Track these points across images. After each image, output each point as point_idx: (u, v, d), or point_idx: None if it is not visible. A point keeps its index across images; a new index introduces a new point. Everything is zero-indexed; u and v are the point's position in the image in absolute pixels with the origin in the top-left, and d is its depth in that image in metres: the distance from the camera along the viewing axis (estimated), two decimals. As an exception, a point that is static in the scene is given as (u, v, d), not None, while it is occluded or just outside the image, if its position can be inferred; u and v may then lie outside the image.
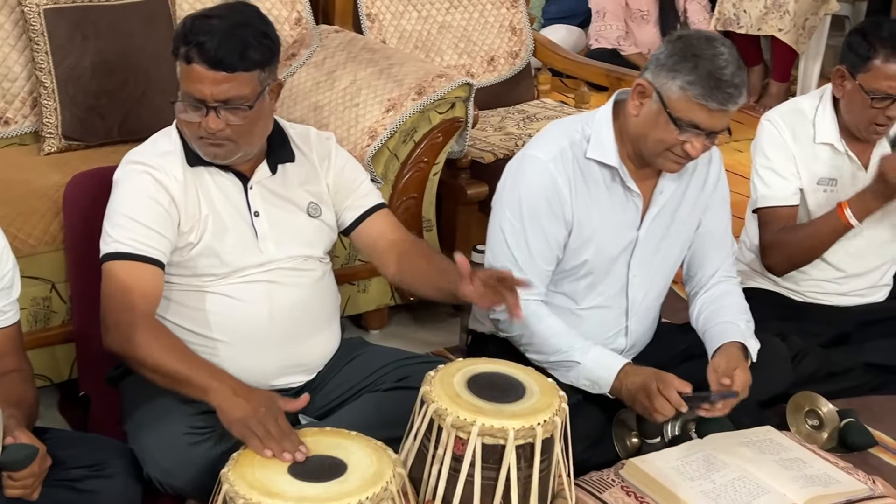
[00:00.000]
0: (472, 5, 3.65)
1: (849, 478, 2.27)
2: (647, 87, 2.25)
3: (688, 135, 2.22)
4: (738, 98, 2.20)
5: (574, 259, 2.41)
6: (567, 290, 2.45)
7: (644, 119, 2.27)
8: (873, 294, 2.95)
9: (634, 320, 2.51)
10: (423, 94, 2.83)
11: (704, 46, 2.20)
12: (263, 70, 2.12)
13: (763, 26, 5.42)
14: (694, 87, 2.17)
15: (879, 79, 2.63)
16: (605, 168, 2.36)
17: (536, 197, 2.34)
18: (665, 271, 2.51)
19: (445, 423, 1.92)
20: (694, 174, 2.45)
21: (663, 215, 2.43)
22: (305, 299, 2.27)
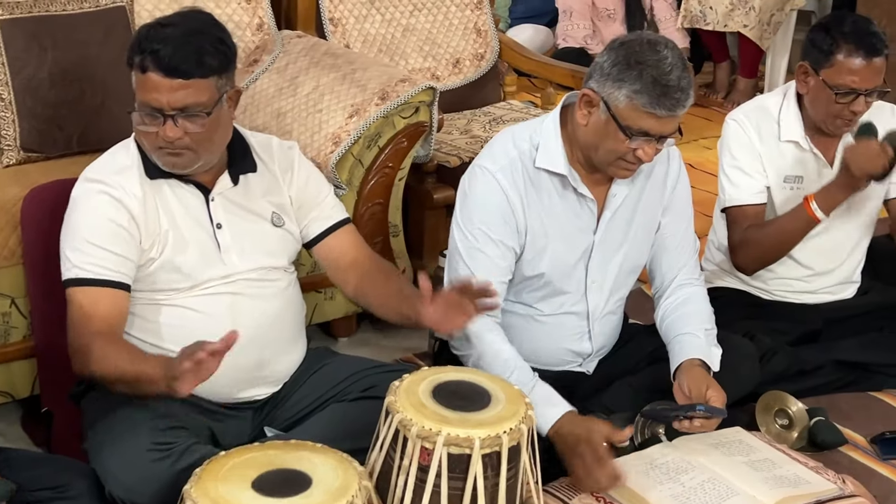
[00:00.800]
0: (437, 8, 3.63)
1: (818, 478, 2.27)
2: (593, 97, 2.22)
3: (638, 142, 2.21)
4: (686, 102, 2.18)
5: (530, 269, 2.39)
6: (526, 299, 2.44)
7: (593, 128, 2.25)
8: (842, 291, 2.95)
9: (597, 324, 2.49)
10: (387, 99, 2.81)
11: (648, 52, 2.17)
12: (220, 77, 2.10)
13: (729, 23, 5.43)
14: (641, 95, 2.15)
15: (843, 74, 2.63)
16: (555, 176, 2.34)
17: (488, 208, 2.32)
18: (625, 274, 2.50)
19: (410, 434, 1.90)
20: (651, 175, 2.44)
21: (619, 218, 2.42)
22: (270, 310, 2.24)
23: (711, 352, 2.41)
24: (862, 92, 2.63)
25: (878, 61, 2.63)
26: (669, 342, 2.45)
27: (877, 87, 2.65)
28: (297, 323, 2.33)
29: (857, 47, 2.61)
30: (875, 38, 2.62)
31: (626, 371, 2.55)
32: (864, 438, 2.66)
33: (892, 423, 2.71)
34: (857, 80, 2.62)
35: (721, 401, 2.29)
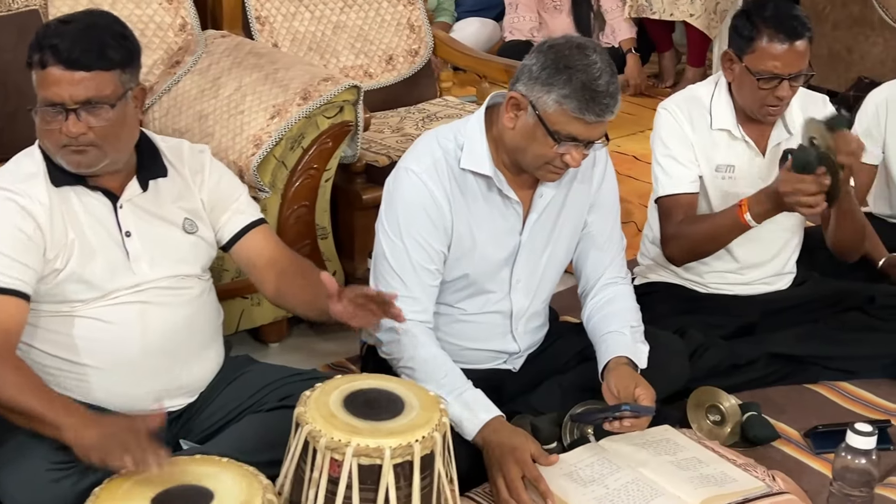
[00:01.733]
0: (368, 4, 3.57)
1: (746, 475, 2.24)
2: (521, 100, 2.18)
3: (566, 147, 2.17)
4: (615, 107, 2.15)
5: (455, 270, 2.35)
6: (449, 299, 2.40)
7: (520, 132, 2.21)
8: (777, 282, 2.92)
9: (521, 324, 2.45)
10: (309, 99, 2.75)
11: (577, 56, 2.14)
12: (124, 71, 2.06)
13: (675, 11, 5.41)
14: (570, 100, 2.12)
15: (765, 59, 2.59)
16: (481, 177, 2.30)
17: (414, 211, 2.27)
18: (551, 274, 2.46)
19: (319, 446, 1.86)
20: (577, 176, 2.40)
21: (545, 219, 2.38)
22: (183, 319, 2.19)
23: (638, 349, 2.38)
24: (785, 77, 2.60)
25: (801, 45, 2.59)
26: (596, 341, 2.42)
27: (801, 72, 2.62)
28: (212, 331, 2.27)
29: (778, 32, 2.57)
30: (796, 21, 2.59)
31: (554, 370, 2.52)
32: (798, 432, 2.62)
33: (826, 415, 2.68)
34: (780, 66, 2.58)
35: (650, 398, 2.26)
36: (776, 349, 2.81)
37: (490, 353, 2.49)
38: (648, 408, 2.25)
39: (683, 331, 2.70)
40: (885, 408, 2.73)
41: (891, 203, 3.27)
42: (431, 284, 2.33)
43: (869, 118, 3.16)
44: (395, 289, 2.30)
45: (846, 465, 2.14)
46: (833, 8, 5.16)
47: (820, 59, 5.22)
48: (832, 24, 5.16)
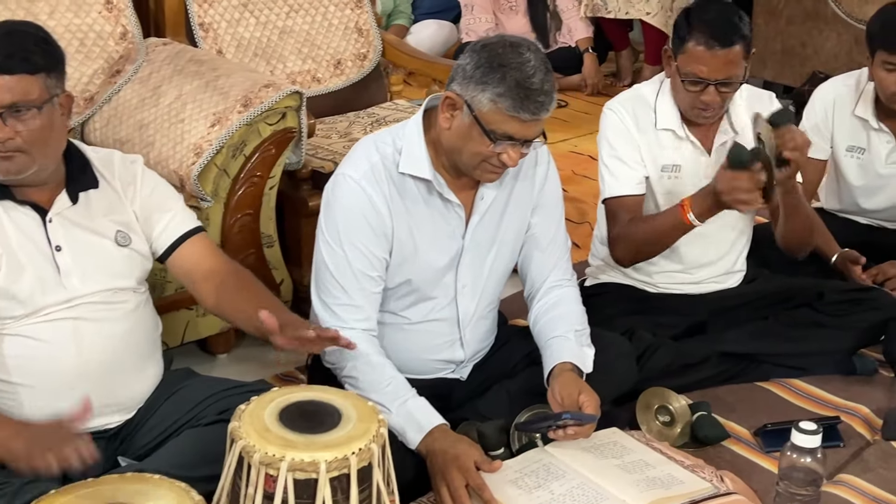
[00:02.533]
0: (314, 8, 3.53)
1: (693, 477, 2.22)
2: (456, 100, 2.16)
3: (503, 146, 2.15)
4: (550, 105, 2.13)
5: (398, 276, 2.32)
6: (393, 307, 2.37)
7: (457, 132, 2.18)
8: (727, 280, 2.90)
9: (468, 330, 2.43)
10: (250, 106, 2.71)
11: (510, 55, 2.11)
12: (49, 76, 2.03)
13: (630, 10, 5.42)
14: (504, 99, 2.09)
15: (692, 62, 2.58)
16: (420, 181, 2.27)
17: (353, 217, 2.24)
18: (496, 277, 2.44)
19: (253, 461, 1.82)
20: (519, 175, 2.37)
21: (488, 221, 2.35)
22: (118, 334, 2.15)
23: (583, 353, 2.36)
24: (711, 82, 2.57)
25: (729, 53, 2.54)
26: (541, 347, 2.40)
27: (728, 79, 2.57)
28: (149, 345, 2.23)
29: (708, 36, 2.54)
30: (730, 27, 2.54)
31: (502, 375, 2.50)
32: (749, 431, 2.61)
33: (777, 413, 2.67)
34: (705, 70, 2.56)
35: (593, 405, 2.24)
36: (726, 348, 2.80)
37: (438, 363, 2.46)
38: (590, 416, 2.23)
39: (633, 331, 2.68)
40: (836, 404, 2.73)
41: (840, 198, 3.28)
42: (374, 292, 2.30)
43: (816, 114, 3.16)
44: (337, 297, 2.27)
45: (792, 463, 2.13)
46: (787, 3, 5.17)
47: (774, 55, 5.24)
48: (786, 20, 5.17)
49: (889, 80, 2.93)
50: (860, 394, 2.76)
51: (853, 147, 3.16)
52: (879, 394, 2.77)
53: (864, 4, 4.81)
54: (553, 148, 4.64)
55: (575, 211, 3.94)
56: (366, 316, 2.28)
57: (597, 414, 2.24)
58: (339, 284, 2.27)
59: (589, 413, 2.21)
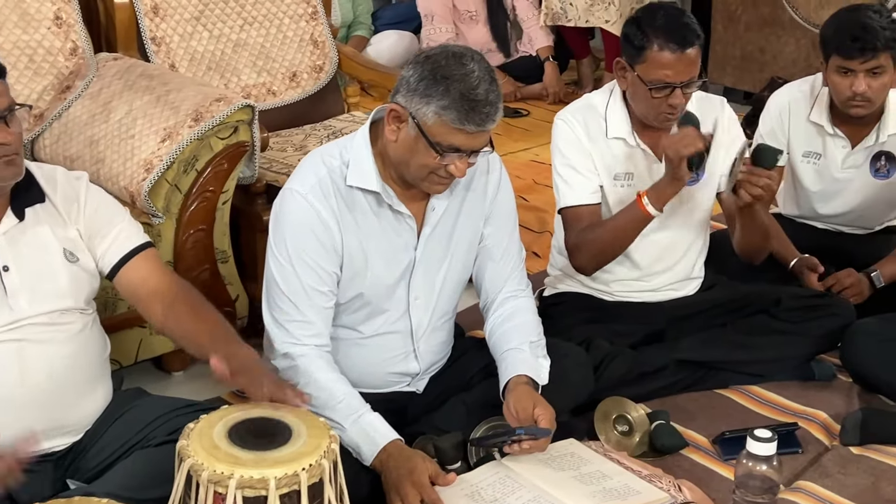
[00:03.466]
0: (269, 21, 3.50)
1: (650, 487, 2.21)
2: (401, 112, 2.14)
3: (450, 158, 2.13)
4: (496, 115, 2.11)
5: (350, 291, 2.30)
6: (346, 321, 2.35)
7: (403, 145, 2.16)
8: (684, 287, 2.90)
9: (423, 342, 2.41)
10: (201, 121, 2.68)
11: (454, 66, 2.09)
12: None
13: (590, 18, 5.42)
14: (449, 111, 2.08)
15: (655, 68, 2.57)
16: (369, 193, 2.25)
17: (301, 233, 2.22)
18: (449, 289, 2.42)
19: (202, 479, 1.80)
20: (471, 186, 2.36)
21: (440, 233, 2.34)
22: (64, 356, 2.11)
23: (539, 365, 2.34)
24: (677, 85, 2.58)
25: (691, 53, 2.56)
26: (497, 359, 2.39)
27: (692, 79, 2.59)
28: (97, 366, 2.19)
29: (668, 41, 2.55)
30: (686, 29, 2.56)
31: (459, 388, 2.48)
32: (707, 439, 2.60)
33: (736, 421, 2.66)
34: (671, 74, 2.56)
35: (548, 419, 2.23)
36: (684, 356, 2.80)
37: (393, 376, 2.44)
38: (544, 430, 2.22)
39: (589, 341, 2.67)
40: (794, 410, 2.73)
41: (798, 203, 3.28)
42: (325, 307, 2.27)
43: (772, 119, 3.17)
44: (288, 313, 2.25)
45: (748, 471, 2.12)
46: (745, 9, 5.20)
47: (733, 61, 5.27)
48: (744, 26, 5.20)
49: (844, 85, 2.94)
50: (818, 399, 2.76)
51: (809, 153, 3.17)
52: (838, 399, 2.77)
53: (821, 9, 4.85)
54: (514, 157, 4.68)
55: (536, 220, 3.94)
56: (317, 332, 2.26)
57: (552, 427, 2.22)
58: (289, 301, 2.24)
59: (543, 427, 2.20)
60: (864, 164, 3.10)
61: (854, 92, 2.91)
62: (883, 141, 3.06)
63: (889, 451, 2.54)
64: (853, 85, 2.91)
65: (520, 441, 2.20)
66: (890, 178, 3.10)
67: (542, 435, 2.20)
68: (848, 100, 2.94)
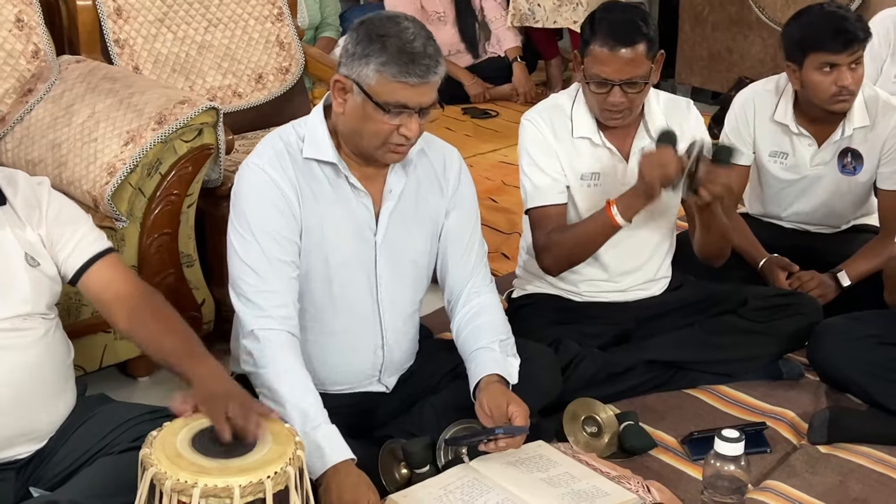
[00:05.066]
0: (234, 22, 3.47)
1: (618, 488, 2.20)
2: (345, 82, 2.16)
3: (400, 117, 2.14)
4: (437, 68, 2.13)
5: (311, 265, 2.28)
6: (313, 313, 2.32)
7: (351, 114, 2.17)
8: (652, 287, 2.89)
9: (391, 333, 2.40)
10: (164, 123, 2.66)
11: (388, 25, 2.13)
12: None
13: (558, 19, 5.42)
14: (389, 66, 2.09)
15: (595, 64, 2.58)
16: (326, 165, 2.26)
17: (260, 203, 2.22)
18: (416, 280, 2.42)
19: (165, 488, 1.77)
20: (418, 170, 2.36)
21: (399, 216, 2.33)
22: (26, 362, 2.07)
23: (509, 363, 2.34)
24: (615, 83, 2.57)
25: (628, 52, 2.53)
26: (466, 359, 2.38)
27: (633, 79, 2.56)
28: (60, 372, 2.16)
29: (609, 37, 2.54)
30: (630, 27, 2.54)
31: (427, 390, 2.47)
32: (676, 440, 2.60)
33: (705, 421, 2.66)
34: (608, 71, 2.55)
35: (523, 416, 2.22)
36: (653, 356, 2.79)
37: (361, 371, 2.42)
38: (521, 427, 2.21)
39: (557, 342, 2.67)
40: (762, 409, 2.73)
41: (763, 202, 3.29)
42: (290, 276, 2.25)
43: (737, 119, 3.17)
44: (252, 285, 2.23)
45: (716, 472, 2.12)
46: (711, 9, 5.22)
47: (701, 61, 5.28)
48: (711, 26, 5.22)
49: (827, 82, 2.91)
50: (786, 399, 2.77)
51: (776, 152, 3.17)
52: (805, 398, 2.78)
53: (787, 9, 4.86)
54: (482, 158, 4.67)
55: (505, 222, 3.93)
56: (283, 302, 2.23)
57: (527, 424, 2.22)
58: (253, 272, 2.22)
59: (520, 425, 2.19)
60: (831, 160, 3.11)
61: (840, 86, 2.90)
62: (849, 135, 3.06)
63: (857, 450, 2.55)
64: (838, 80, 2.89)
65: (496, 439, 2.19)
66: (856, 175, 3.11)
67: (520, 433, 2.20)
68: (833, 96, 2.92)
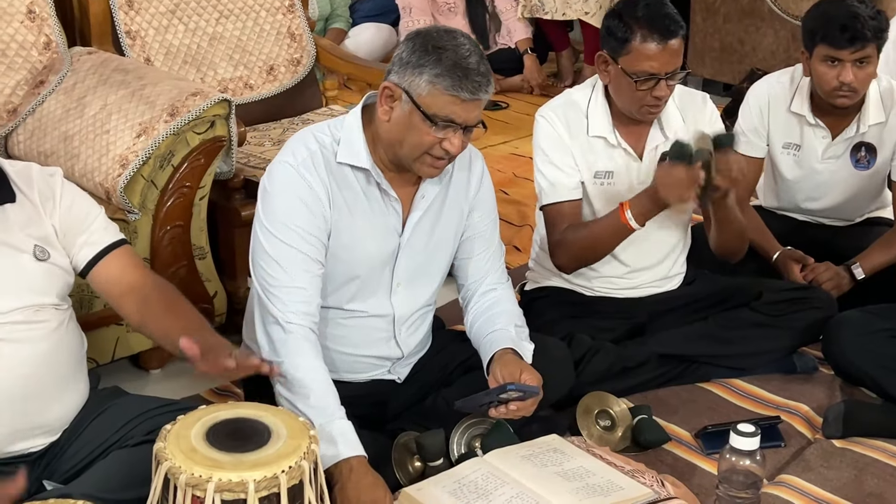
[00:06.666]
0: (245, 14, 3.46)
1: (633, 482, 2.19)
2: (394, 90, 2.14)
3: (445, 131, 2.13)
4: (488, 87, 2.13)
5: (335, 267, 2.28)
6: (330, 301, 2.32)
7: (396, 122, 2.16)
8: (666, 284, 2.88)
9: (404, 329, 2.39)
10: (177, 115, 2.65)
11: (446, 38, 2.12)
12: None
13: (567, 11, 5.41)
14: (442, 79, 2.09)
15: (640, 60, 2.55)
16: (359, 171, 2.25)
17: (291, 202, 2.21)
18: (432, 278, 2.41)
19: (180, 483, 1.76)
20: (452, 179, 2.35)
21: (426, 221, 2.33)
22: (40, 354, 2.07)
23: (523, 346, 2.33)
24: (662, 77, 2.56)
25: (675, 43, 2.54)
26: (480, 343, 2.38)
27: (676, 70, 2.57)
28: (73, 364, 2.16)
29: (651, 31, 2.53)
30: (669, 20, 2.54)
31: (439, 382, 2.47)
32: (690, 433, 2.59)
33: (718, 414, 2.66)
34: (656, 65, 2.54)
35: (536, 381, 2.21)
36: (666, 350, 2.78)
37: (373, 360, 2.42)
38: (533, 388, 2.19)
39: (571, 336, 2.66)
40: (776, 403, 2.72)
41: (777, 195, 3.27)
42: (315, 274, 2.24)
43: (752, 113, 3.15)
44: (278, 279, 2.22)
45: (731, 466, 2.10)
46: (724, 1, 5.18)
47: (713, 52, 5.26)
48: (723, 17, 5.19)
49: (830, 76, 2.91)
50: (800, 392, 2.76)
51: (789, 144, 3.15)
52: (819, 392, 2.77)
53: (801, 1, 4.84)
54: (493, 150, 4.66)
55: (516, 214, 3.92)
56: (306, 299, 2.22)
57: (539, 390, 2.20)
58: (279, 266, 2.21)
59: (532, 385, 2.18)
60: (844, 154, 3.10)
61: (841, 82, 2.89)
62: (863, 131, 3.05)
63: (871, 444, 2.54)
64: (840, 75, 2.89)
65: (507, 402, 2.18)
66: (870, 169, 3.10)
67: (532, 393, 2.18)
68: (834, 90, 2.92)
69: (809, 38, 2.95)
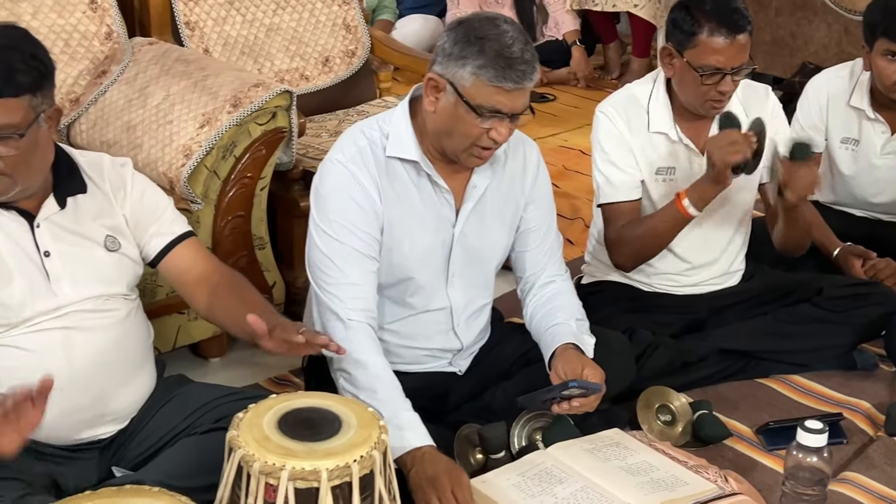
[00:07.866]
0: (301, 5, 3.48)
1: (697, 478, 2.18)
2: (438, 81, 2.14)
3: (491, 121, 2.12)
4: (532, 74, 2.11)
5: (390, 262, 2.28)
6: (389, 295, 2.33)
7: (442, 114, 2.15)
8: (726, 281, 2.88)
9: (462, 320, 2.40)
10: (240, 106, 2.67)
11: (487, 27, 2.10)
12: (35, 95, 1.94)
13: (617, 2, 5.37)
14: (486, 70, 2.07)
15: (707, 54, 2.54)
16: (409, 164, 2.25)
17: (342, 200, 2.21)
18: (487, 268, 2.41)
19: (253, 470, 1.78)
20: (506, 166, 2.35)
21: (479, 212, 2.33)
22: (110, 342, 2.10)
23: (584, 340, 2.33)
24: (728, 71, 2.54)
25: (742, 38, 2.53)
26: (541, 336, 2.37)
27: (742, 65, 2.56)
28: (141, 353, 2.18)
29: (720, 26, 2.51)
30: (737, 14, 2.53)
31: (499, 375, 2.47)
32: (751, 429, 2.58)
33: (779, 410, 2.65)
34: (722, 60, 2.53)
35: (599, 378, 2.21)
36: (726, 345, 2.77)
37: (433, 352, 2.43)
38: (596, 385, 2.19)
39: (632, 331, 2.65)
40: (837, 400, 2.71)
41: (835, 190, 3.25)
42: (370, 270, 2.25)
43: (811, 108, 3.14)
44: (334, 277, 2.23)
45: (798, 463, 2.10)
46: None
47: (764, 46, 5.21)
48: (775, 10, 5.14)
49: (890, 70, 2.90)
50: (861, 389, 2.74)
51: (847, 139, 3.13)
52: (881, 389, 2.75)
53: (856, -6, 4.79)
54: (542, 143, 4.63)
55: (568, 207, 3.91)
56: (364, 295, 2.23)
57: (602, 386, 2.20)
58: (334, 265, 2.23)
59: (594, 382, 2.18)
60: None
61: None
62: (923, 127, 3.02)
63: (935, 442, 2.52)
64: None
65: (570, 398, 2.18)
66: (930, 164, 3.07)
67: (594, 390, 2.18)
68: (893, 84, 2.90)
69: (870, 33, 2.94)
